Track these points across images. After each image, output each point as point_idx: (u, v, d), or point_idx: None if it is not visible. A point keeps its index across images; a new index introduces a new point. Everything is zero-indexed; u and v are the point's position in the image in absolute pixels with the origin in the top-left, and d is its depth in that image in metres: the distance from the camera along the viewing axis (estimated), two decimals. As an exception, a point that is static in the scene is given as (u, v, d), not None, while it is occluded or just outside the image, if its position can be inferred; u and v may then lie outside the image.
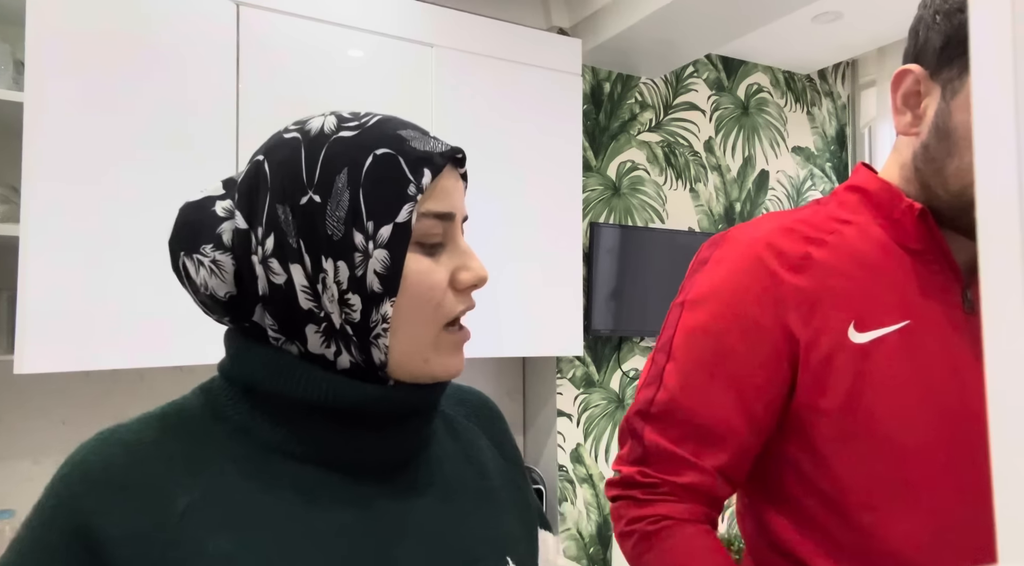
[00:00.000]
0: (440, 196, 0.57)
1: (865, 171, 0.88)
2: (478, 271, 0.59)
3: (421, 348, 0.57)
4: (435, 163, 0.57)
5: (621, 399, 2.65)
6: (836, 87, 3.23)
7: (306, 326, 0.56)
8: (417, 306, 0.56)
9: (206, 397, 0.59)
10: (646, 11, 2.22)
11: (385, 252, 0.54)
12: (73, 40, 1.59)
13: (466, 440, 0.70)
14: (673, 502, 0.81)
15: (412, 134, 0.59)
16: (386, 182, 0.55)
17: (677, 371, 0.83)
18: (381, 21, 1.96)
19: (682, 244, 2.69)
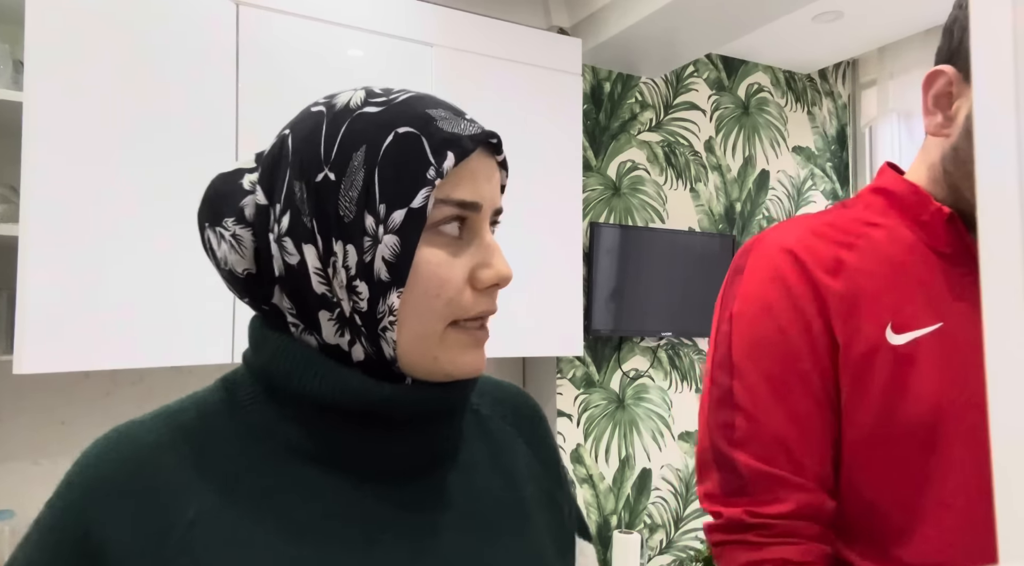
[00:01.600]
0: (465, 183, 0.52)
1: (891, 173, 0.87)
2: (500, 269, 0.54)
3: (429, 345, 0.53)
4: (462, 146, 0.52)
5: (621, 399, 2.65)
6: (836, 87, 3.23)
7: (319, 312, 0.53)
8: (426, 301, 0.52)
9: (226, 391, 0.56)
10: (646, 11, 2.22)
11: (395, 239, 0.50)
12: (73, 40, 1.58)
13: (499, 443, 0.65)
14: (791, 544, 0.76)
15: (442, 114, 0.54)
16: (405, 163, 0.51)
17: (746, 388, 0.80)
18: (381, 21, 1.96)
19: (682, 244, 2.69)
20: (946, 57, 0.80)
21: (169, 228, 1.67)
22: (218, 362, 1.73)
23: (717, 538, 0.82)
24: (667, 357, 2.76)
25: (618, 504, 2.63)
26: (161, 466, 0.51)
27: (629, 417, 2.67)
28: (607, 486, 2.61)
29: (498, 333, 2.36)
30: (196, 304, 1.70)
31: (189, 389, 0.62)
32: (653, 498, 2.71)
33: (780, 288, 0.81)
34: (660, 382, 2.74)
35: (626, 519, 2.64)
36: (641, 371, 2.70)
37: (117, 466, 0.50)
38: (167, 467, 0.51)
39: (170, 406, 0.56)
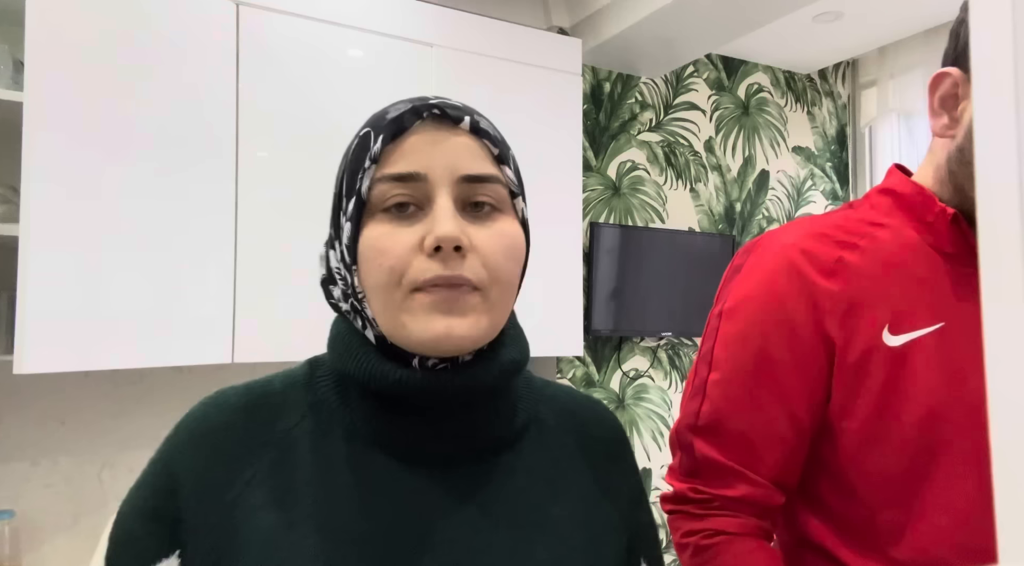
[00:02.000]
0: (399, 157, 0.56)
1: (898, 174, 0.88)
2: (436, 231, 0.53)
3: (394, 314, 0.55)
4: (397, 124, 0.56)
5: (621, 399, 2.65)
6: (836, 87, 3.23)
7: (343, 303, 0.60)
8: (373, 273, 0.55)
9: (310, 367, 0.63)
10: (646, 11, 2.22)
11: (349, 224, 0.57)
12: (73, 40, 1.59)
13: (553, 456, 0.63)
14: (727, 516, 0.81)
15: (399, 106, 0.58)
16: (357, 158, 0.57)
17: (720, 381, 0.83)
18: (381, 21, 1.96)
19: (682, 244, 2.69)
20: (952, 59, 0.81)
21: (169, 228, 1.67)
22: (218, 362, 1.73)
23: (666, 507, 0.88)
24: (667, 357, 2.76)
25: (618, 504, 2.63)
26: (234, 429, 0.57)
27: (629, 417, 2.67)
28: (607, 486, 2.62)
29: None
30: (196, 304, 1.70)
31: (189, 389, 0.64)
32: (653, 498, 2.71)
33: (770, 290, 0.82)
34: (660, 382, 2.74)
35: (626, 519, 2.64)
36: (641, 371, 2.70)
37: (203, 423, 0.58)
38: (241, 429, 0.57)
39: (268, 376, 0.63)
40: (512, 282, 0.59)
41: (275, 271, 1.79)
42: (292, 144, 1.81)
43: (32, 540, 1.83)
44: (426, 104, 0.57)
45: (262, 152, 1.79)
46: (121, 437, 1.93)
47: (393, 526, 0.55)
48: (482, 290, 0.56)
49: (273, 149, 1.80)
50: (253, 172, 1.78)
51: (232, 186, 1.75)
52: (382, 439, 0.58)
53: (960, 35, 0.80)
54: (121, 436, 1.93)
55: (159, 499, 0.55)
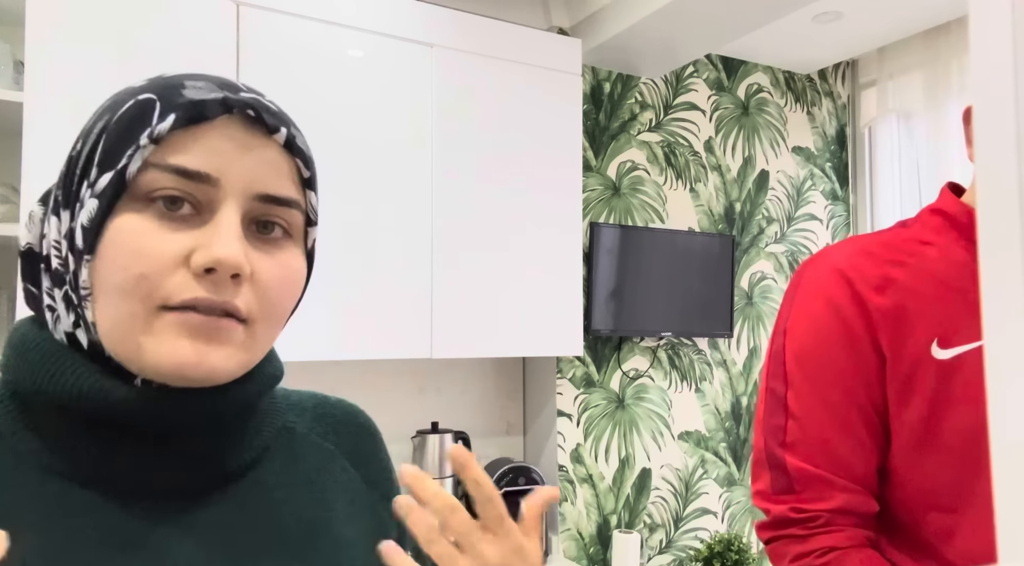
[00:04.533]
0: (196, 151, 0.46)
1: (949, 194, 0.91)
2: (215, 252, 0.45)
3: (127, 330, 0.45)
4: (198, 109, 0.47)
5: (621, 399, 2.66)
6: (836, 87, 3.23)
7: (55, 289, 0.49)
8: (116, 272, 0.45)
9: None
10: (646, 11, 2.22)
11: (95, 202, 0.45)
12: (73, 40, 1.59)
13: (312, 462, 0.58)
14: (834, 532, 0.82)
15: (201, 84, 0.49)
16: (129, 128, 0.46)
17: (797, 396, 0.86)
18: (381, 21, 1.96)
19: (682, 244, 2.69)
20: None
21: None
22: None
23: (767, 535, 0.87)
24: (667, 357, 2.76)
25: (618, 504, 2.63)
26: None
27: (629, 417, 2.67)
28: (607, 486, 2.61)
29: (498, 333, 2.37)
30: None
31: None
32: (653, 498, 2.71)
33: (828, 306, 0.86)
34: (660, 382, 2.74)
35: (626, 519, 2.64)
36: (641, 371, 2.70)
37: None
38: None
39: None
40: (284, 316, 0.52)
41: (275, 271, 1.78)
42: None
43: (32, 540, 1.82)
44: (240, 99, 0.48)
45: (262, 152, 1.79)
46: (121, 437, 1.93)
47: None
48: (249, 324, 0.48)
49: (273, 149, 1.80)
50: (253, 172, 1.78)
51: (232, 186, 1.75)
52: (90, 471, 0.47)
53: None
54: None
55: None
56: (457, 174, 2.04)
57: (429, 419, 2.36)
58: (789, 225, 3.07)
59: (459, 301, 2.03)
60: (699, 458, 2.81)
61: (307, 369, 2.15)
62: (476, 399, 2.46)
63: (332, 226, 1.82)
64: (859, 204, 3.21)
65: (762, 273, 2.99)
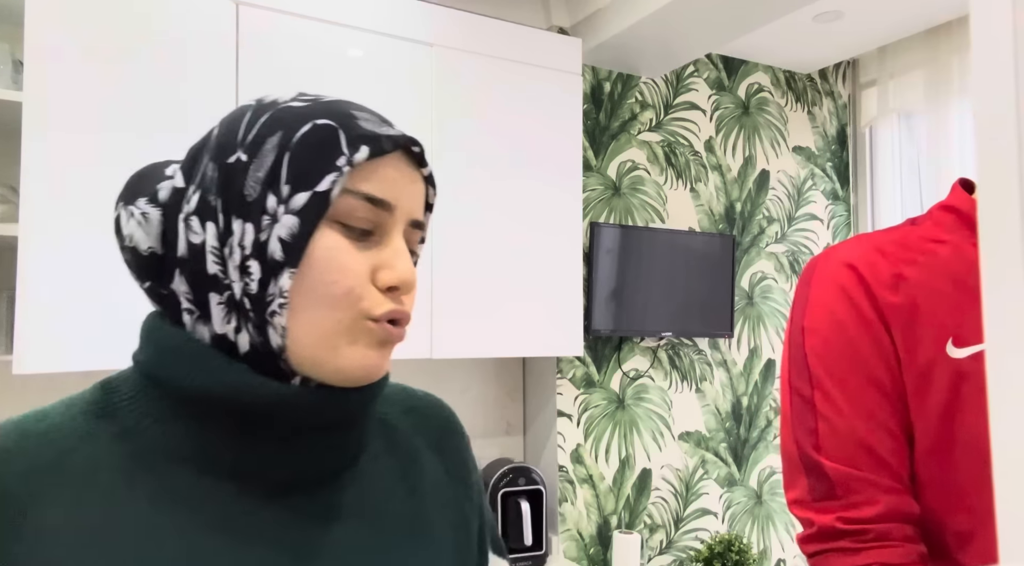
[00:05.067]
0: (377, 180, 0.52)
1: (960, 191, 0.90)
2: (401, 272, 0.52)
3: (329, 334, 0.50)
4: (379, 144, 0.52)
5: (621, 399, 2.65)
6: (837, 87, 3.23)
7: (210, 294, 0.51)
8: (322, 286, 0.50)
9: (103, 392, 0.54)
10: (646, 11, 2.22)
11: (295, 219, 0.49)
12: (73, 40, 1.58)
13: (405, 454, 0.62)
14: (888, 547, 0.78)
15: (366, 116, 0.54)
16: (317, 149, 0.50)
17: (825, 395, 0.84)
18: (381, 20, 1.96)
19: (682, 244, 2.69)
20: None
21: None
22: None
23: (812, 548, 0.83)
24: (667, 357, 2.76)
25: (618, 504, 2.63)
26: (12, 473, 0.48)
27: (629, 417, 2.67)
28: (607, 486, 2.61)
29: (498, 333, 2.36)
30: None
31: None
32: (653, 498, 2.71)
33: (845, 300, 0.84)
34: (660, 382, 2.74)
35: (626, 519, 2.64)
36: (641, 371, 2.70)
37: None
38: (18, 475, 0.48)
39: (39, 408, 0.53)
40: None
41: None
42: (292, 144, 1.81)
43: (32, 540, 1.82)
44: (406, 137, 0.54)
45: (262, 152, 1.79)
46: (121, 437, 1.93)
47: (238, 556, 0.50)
48: None
49: (273, 149, 1.80)
50: (253, 172, 1.78)
51: (232, 186, 1.75)
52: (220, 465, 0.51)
53: None
54: (121, 436, 1.93)
55: None
56: (457, 174, 2.04)
57: (429, 419, 2.36)
58: (790, 225, 3.07)
59: (459, 301, 2.03)
60: (699, 458, 2.81)
61: (307, 369, 2.15)
62: (476, 399, 2.46)
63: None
64: (860, 204, 3.21)
65: (763, 273, 2.99)
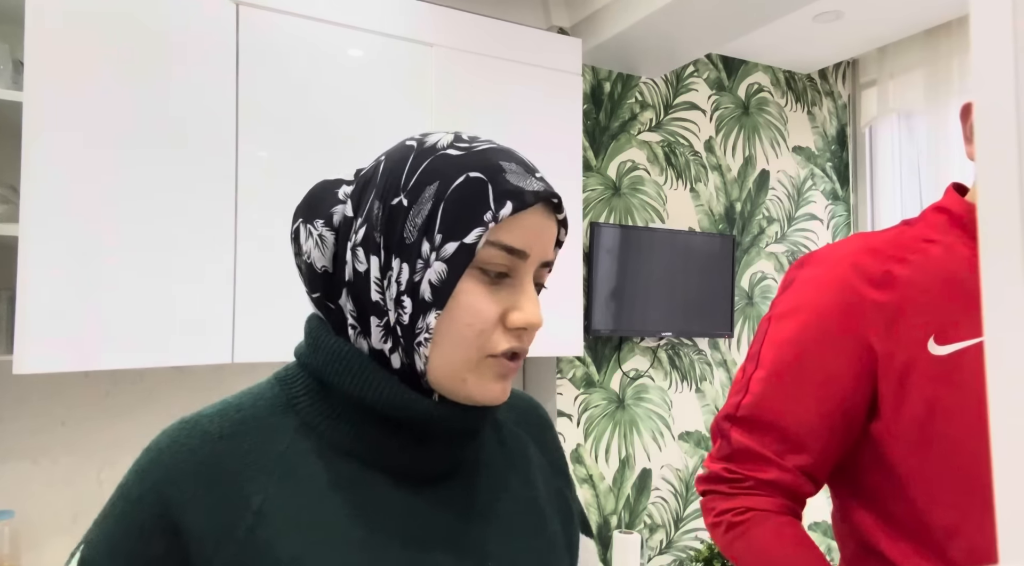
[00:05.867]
0: (518, 231, 0.57)
1: (953, 193, 0.92)
2: (529, 315, 0.58)
3: (459, 368, 0.57)
4: (522, 199, 0.57)
5: (621, 399, 2.65)
6: (837, 87, 3.23)
7: (371, 317, 0.58)
8: (459, 327, 0.56)
9: (281, 387, 0.62)
10: (646, 11, 2.22)
11: (444, 266, 0.56)
12: (73, 40, 1.58)
13: (513, 448, 0.70)
14: (757, 495, 0.87)
15: (514, 168, 0.59)
16: (468, 202, 0.56)
17: (763, 378, 0.90)
18: (381, 21, 1.96)
19: (682, 244, 2.69)
20: None
21: (169, 228, 1.67)
22: (218, 362, 1.73)
23: (701, 488, 0.94)
24: (667, 357, 2.76)
25: (618, 504, 2.63)
26: (227, 458, 0.56)
27: (629, 417, 2.67)
28: (607, 486, 2.61)
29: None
30: (196, 304, 1.70)
31: (189, 389, 0.63)
32: (653, 498, 2.71)
33: (817, 303, 0.88)
34: (660, 382, 2.74)
35: (626, 519, 2.64)
36: (641, 371, 2.70)
37: (188, 455, 0.55)
38: (233, 459, 0.56)
39: (229, 400, 0.61)
40: None
41: (275, 271, 1.78)
42: (292, 144, 1.81)
43: (32, 540, 1.83)
44: (547, 189, 0.60)
45: (262, 152, 1.79)
46: (121, 437, 1.93)
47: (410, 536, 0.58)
48: None
49: (273, 149, 1.80)
50: (253, 172, 1.78)
51: (232, 186, 1.75)
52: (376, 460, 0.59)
53: None
54: (121, 436, 1.93)
55: (158, 543, 0.53)
56: (457, 174, 2.04)
57: (429, 419, 2.36)
58: (790, 225, 3.07)
59: (459, 301, 2.02)
60: (699, 458, 2.81)
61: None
62: (476, 399, 2.46)
63: (332, 226, 1.82)
64: (859, 204, 3.21)
65: (762, 273, 2.99)
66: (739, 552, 0.86)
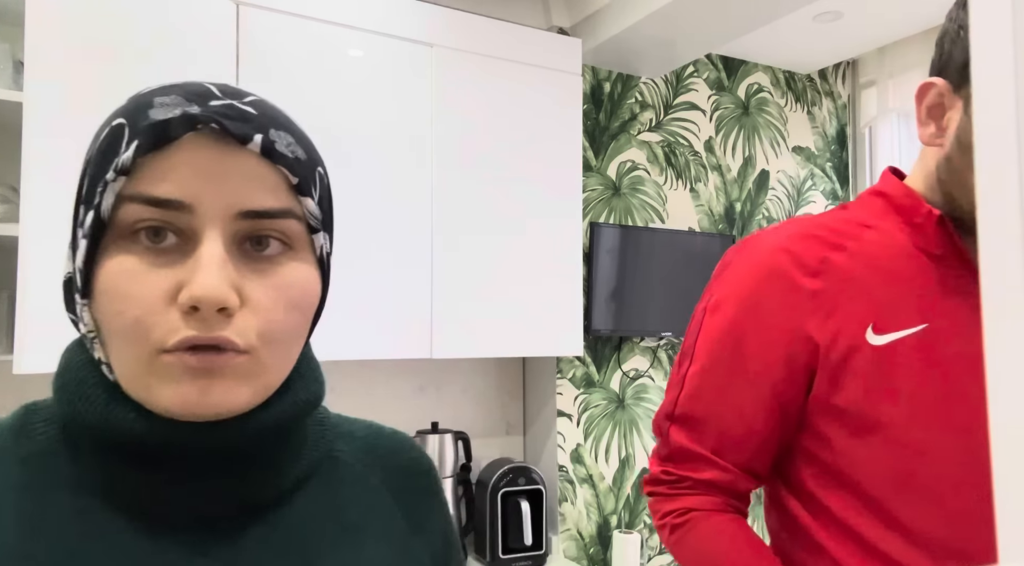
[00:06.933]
0: (162, 175, 0.43)
1: (891, 177, 0.90)
2: (194, 289, 0.43)
3: (136, 371, 0.45)
4: (159, 133, 0.44)
5: (621, 399, 2.66)
6: (836, 87, 3.23)
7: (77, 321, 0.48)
8: (113, 318, 0.44)
9: (25, 411, 0.52)
10: (646, 11, 2.22)
11: (86, 244, 0.45)
12: (73, 40, 1.58)
13: (353, 494, 0.56)
14: (697, 495, 0.86)
15: (168, 100, 0.45)
16: (105, 159, 0.45)
17: (698, 373, 0.88)
18: (381, 21, 1.96)
19: (682, 244, 2.69)
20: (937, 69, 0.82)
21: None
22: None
23: (646, 490, 0.93)
24: (667, 357, 2.76)
25: (618, 504, 2.63)
26: None
27: (629, 417, 2.67)
28: (607, 486, 2.61)
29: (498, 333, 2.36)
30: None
31: None
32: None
33: (752, 291, 0.86)
34: (660, 382, 2.74)
35: (626, 519, 2.64)
36: (641, 371, 2.70)
37: None
38: None
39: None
40: (298, 335, 0.49)
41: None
42: (292, 144, 1.81)
43: (32, 540, 1.82)
44: (205, 111, 0.45)
45: (262, 152, 1.79)
46: (121, 437, 1.93)
47: None
48: (252, 352, 0.46)
49: (273, 149, 1.80)
50: (253, 172, 1.78)
51: (232, 186, 1.75)
52: (122, 497, 0.47)
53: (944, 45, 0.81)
54: (121, 436, 1.93)
55: None
56: (457, 174, 2.04)
57: (429, 419, 2.36)
58: (789, 225, 3.07)
59: (459, 301, 2.03)
60: (699, 458, 2.81)
61: (307, 369, 2.15)
62: (476, 399, 2.46)
63: (332, 226, 1.82)
64: (859, 204, 3.21)
65: (762, 273, 2.99)
66: (683, 553, 0.85)
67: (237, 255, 0.46)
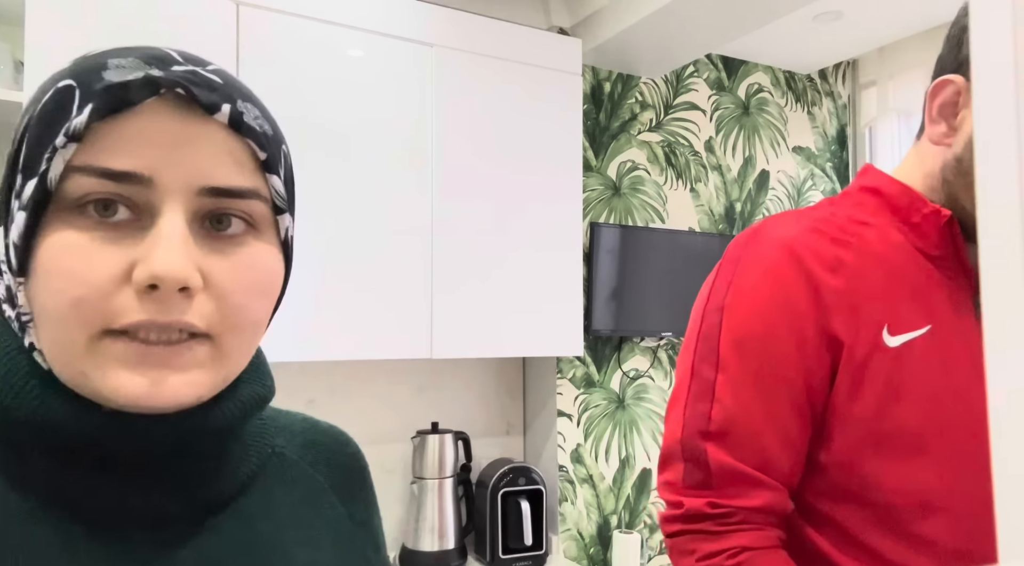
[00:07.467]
0: (117, 144, 0.40)
1: (879, 173, 0.87)
2: (154, 266, 0.39)
3: (71, 356, 0.40)
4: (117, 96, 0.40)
5: (621, 399, 2.65)
6: (837, 87, 3.23)
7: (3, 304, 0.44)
8: (50, 297, 0.40)
9: None
10: (646, 11, 2.22)
11: (24, 216, 0.40)
12: (73, 40, 1.58)
13: (301, 492, 0.54)
14: (749, 530, 0.76)
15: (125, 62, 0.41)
16: (49, 124, 0.40)
17: (730, 382, 0.78)
18: (381, 21, 1.96)
19: (682, 244, 2.69)
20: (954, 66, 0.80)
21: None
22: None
23: (674, 528, 0.80)
24: (667, 357, 2.76)
25: (618, 504, 2.63)
26: None
27: (629, 417, 2.67)
28: (607, 486, 2.61)
29: (498, 333, 2.36)
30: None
31: None
32: (653, 498, 2.71)
33: (776, 285, 0.79)
34: (660, 382, 2.74)
35: (626, 519, 2.64)
36: (641, 371, 2.70)
37: None
38: None
39: None
40: (259, 322, 0.46)
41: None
42: (292, 144, 1.81)
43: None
44: (169, 75, 0.41)
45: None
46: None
47: None
48: (213, 338, 0.42)
49: (273, 149, 1.80)
50: (253, 172, 1.78)
51: (232, 186, 1.75)
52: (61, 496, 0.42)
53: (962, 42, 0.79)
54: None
55: None
56: (457, 174, 2.04)
57: (429, 419, 2.36)
58: (789, 225, 3.07)
59: (459, 301, 2.03)
60: (699, 458, 2.80)
61: (307, 370, 2.15)
62: (476, 399, 2.46)
63: (331, 225, 1.82)
64: (859, 204, 3.20)
65: (762, 273, 2.99)
66: None
67: (197, 233, 0.42)
